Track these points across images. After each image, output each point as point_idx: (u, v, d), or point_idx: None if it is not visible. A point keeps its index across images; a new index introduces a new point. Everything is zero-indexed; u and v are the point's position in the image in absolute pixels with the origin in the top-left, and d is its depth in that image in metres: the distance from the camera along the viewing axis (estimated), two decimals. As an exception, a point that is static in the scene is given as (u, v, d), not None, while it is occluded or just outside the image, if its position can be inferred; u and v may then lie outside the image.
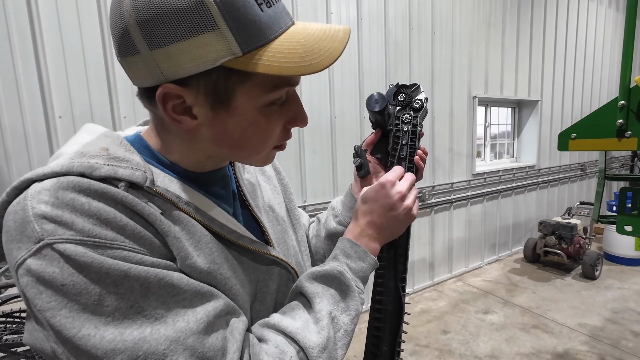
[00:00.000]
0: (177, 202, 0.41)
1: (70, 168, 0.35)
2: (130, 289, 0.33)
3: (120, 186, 0.36)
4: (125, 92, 1.78)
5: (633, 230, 1.32)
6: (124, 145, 0.41)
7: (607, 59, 5.07)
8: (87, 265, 0.31)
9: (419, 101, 0.61)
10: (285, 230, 0.59)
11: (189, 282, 0.37)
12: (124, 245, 0.34)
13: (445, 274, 3.48)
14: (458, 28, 3.18)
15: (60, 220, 0.32)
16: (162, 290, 0.35)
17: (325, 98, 2.48)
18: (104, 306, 0.32)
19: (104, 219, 0.34)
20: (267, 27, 0.36)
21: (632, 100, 1.18)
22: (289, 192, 0.66)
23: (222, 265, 0.42)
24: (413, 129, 0.61)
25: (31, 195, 0.33)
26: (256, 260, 0.49)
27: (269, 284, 0.50)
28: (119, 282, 0.32)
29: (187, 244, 0.40)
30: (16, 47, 1.51)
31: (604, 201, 4.55)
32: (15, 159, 1.55)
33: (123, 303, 0.32)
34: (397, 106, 0.62)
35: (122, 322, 0.32)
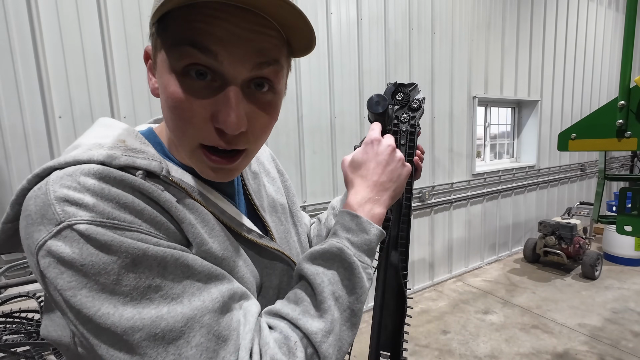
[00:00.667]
0: (190, 192, 0.43)
1: (91, 157, 0.37)
2: (149, 268, 0.33)
3: (138, 174, 0.38)
4: (125, 92, 1.78)
5: (633, 231, 1.32)
6: (139, 138, 0.43)
7: (607, 59, 5.07)
8: (107, 245, 0.32)
9: (417, 101, 0.61)
10: (288, 231, 0.59)
11: (203, 264, 0.37)
12: (142, 228, 0.35)
13: (445, 274, 3.48)
14: (458, 28, 3.18)
15: (81, 203, 0.33)
16: (178, 269, 0.35)
17: (325, 98, 2.48)
18: (123, 285, 0.32)
19: (122, 203, 0.35)
20: None
21: (632, 101, 1.18)
22: (291, 194, 0.67)
23: (233, 253, 0.44)
24: (411, 129, 0.60)
25: (53, 181, 0.34)
26: (261, 254, 0.50)
27: (272, 279, 0.51)
28: (137, 261, 0.33)
29: (202, 230, 0.41)
30: (16, 47, 1.51)
31: (604, 201, 4.55)
32: (15, 158, 1.55)
33: (141, 282, 0.33)
34: (395, 105, 0.62)
35: (140, 301, 0.33)
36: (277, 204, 0.61)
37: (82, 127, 1.68)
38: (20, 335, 1.09)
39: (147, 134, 0.47)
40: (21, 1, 1.51)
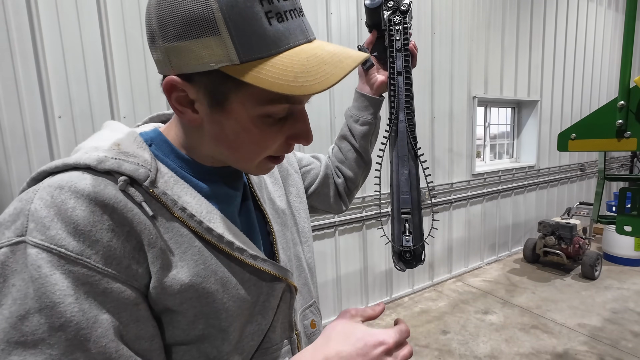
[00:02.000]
0: (172, 207, 0.41)
1: (78, 161, 0.38)
2: (52, 323, 0.33)
3: (120, 181, 0.38)
4: (125, 92, 1.78)
5: (632, 231, 1.32)
6: (137, 142, 0.43)
7: (607, 60, 5.07)
8: (34, 279, 0.32)
9: (405, 4, 0.72)
10: (285, 223, 0.59)
11: (106, 346, 0.34)
12: (88, 261, 0.35)
13: (444, 274, 3.48)
14: (458, 28, 3.18)
15: (41, 222, 0.34)
16: (76, 340, 0.33)
17: (325, 98, 2.48)
18: (24, 324, 0.32)
19: (79, 230, 0.35)
20: (272, 41, 0.36)
21: (632, 101, 1.18)
22: (289, 183, 0.66)
23: (207, 278, 0.42)
24: (404, 26, 0.71)
25: (39, 189, 0.36)
26: (259, 275, 0.48)
27: (271, 300, 0.49)
28: (47, 309, 0.32)
29: (173, 255, 0.41)
30: (16, 46, 1.51)
31: (604, 201, 4.55)
32: (14, 158, 1.55)
33: (39, 330, 0.32)
34: (388, 11, 0.74)
35: (29, 349, 0.32)
36: (274, 195, 0.61)
37: (82, 127, 1.68)
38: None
39: (153, 136, 0.47)
40: (21, 1, 1.51)
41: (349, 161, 0.80)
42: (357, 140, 0.78)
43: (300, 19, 0.39)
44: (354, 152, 0.79)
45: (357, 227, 2.79)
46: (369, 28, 0.77)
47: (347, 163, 0.80)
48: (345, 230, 2.72)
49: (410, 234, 0.68)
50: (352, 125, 0.78)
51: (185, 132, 0.46)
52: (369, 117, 0.77)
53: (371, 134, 0.79)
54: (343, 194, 0.81)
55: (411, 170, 0.70)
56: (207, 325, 0.43)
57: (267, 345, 0.50)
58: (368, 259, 2.86)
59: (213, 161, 0.47)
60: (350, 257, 2.77)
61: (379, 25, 0.75)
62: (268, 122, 0.41)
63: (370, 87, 0.77)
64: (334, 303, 2.72)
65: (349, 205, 0.85)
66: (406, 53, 0.71)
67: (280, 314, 0.52)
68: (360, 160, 0.80)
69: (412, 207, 0.70)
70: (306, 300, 0.59)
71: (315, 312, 0.61)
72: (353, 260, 2.79)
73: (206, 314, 0.43)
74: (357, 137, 0.78)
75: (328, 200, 0.79)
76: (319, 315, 0.62)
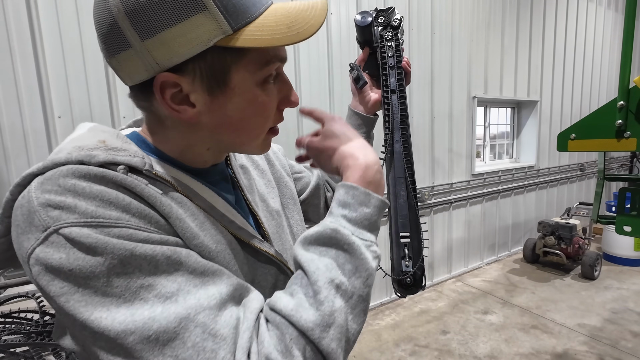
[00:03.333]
0: (176, 186, 0.42)
1: (69, 157, 0.36)
2: (139, 268, 0.33)
3: (119, 169, 0.37)
4: (124, 92, 1.77)
5: (632, 231, 1.32)
6: (120, 138, 0.42)
7: (606, 60, 5.08)
8: (93, 247, 0.31)
9: (396, 20, 0.72)
10: (280, 225, 0.59)
11: (197, 260, 0.36)
12: (130, 224, 0.34)
13: (444, 274, 3.48)
14: (457, 29, 3.18)
15: (64, 206, 0.32)
16: (171, 267, 0.34)
17: (325, 98, 2.48)
18: (114, 287, 0.32)
19: (106, 200, 0.34)
20: (252, 4, 0.38)
21: (631, 101, 1.18)
22: (282, 185, 0.66)
23: (227, 248, 0.43)
24: (396, 42, 0.71)
25: (34, 187, 0.34)
26: (254, 255, 0.49)
27: (267, 278, 0.50)
28: (126, 261, 0.32)
29: (192, 224, 0.40)
30: (15, 46, 1.51)
31: (603, 201, 4.55)
32: (14, 159, 1.55)
33: (132, 282, 0.32)
34: (379, 27, 0.73)
35: (133, 302, 0.32)
36: (268, 197, 0.60)
37: (81, 127, 1.68)
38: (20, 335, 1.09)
39: (131, 136, 0.46)
40: (21, 1, 1.51)
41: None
42: None
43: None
44: None
45: (356, 227, 2.78)
46: (360, 45, 0.77)
47: (337, 179, 0.79)
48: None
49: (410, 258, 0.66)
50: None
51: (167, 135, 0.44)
52: (362, 135, 0.75)
53: None
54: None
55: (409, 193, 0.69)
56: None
57: None
58: (368, 259, 2.85)
59: (206, 159, 0.48)
60: (350, 257, 2.77)
61: (370, 42, 0.74)
62: (268, 88, 0.42)
63: (364, 106, 0.76)
64: (334, 303, 2.72)
65: None
66: (399, 71, 0.71)
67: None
68: None
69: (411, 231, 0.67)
70: None
71: None
72: (353, 260, 2.79)
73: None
74: None
75: (318, 211, 0.77)
76: None
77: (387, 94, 0.70)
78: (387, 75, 0.71)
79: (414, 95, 2.95)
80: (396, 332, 2.59)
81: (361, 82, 0.74)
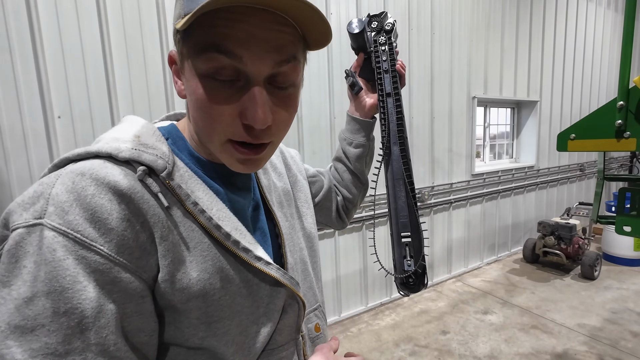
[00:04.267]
0: (185, 201, 0.42)
1: (100, 149, 0.39)
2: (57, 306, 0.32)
3: (139, 170, 0.39)
4: (124, 92, 1.78)
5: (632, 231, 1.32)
6: (155, 135, 0.44)
7: (606, 60, 5.08)
8: (47, 262, 0.33)
9: (389, 24, 0.72)
10: (293, 227, 0.60)
11: (106, 337, 0.34)
12: (101, 249, 0.35)
13: (444, 274, 3.48)
14: (457, 29, 3.19)
15: (60, 206, 0.34)
16: (78, 328, 0.33)
17: (325, 98, 2.48)
18: (29, 307, 0.32)
19: (96, 217, 0.35)
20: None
21: (631, 101, 1.18)
22: (297, 189, 0.67)
23: (214, 275, 0.42)
24: (390, 46, 0.71)
25: (62, 174, 0.37)
26: (261, 278, 0.48)
27: (276, 302, 0.49)
28: (55, 293, 0.32)
29: (184, 248, 0.41)
30: (15, 46, 1.51)
31: (603, 201, 4.55)
32: (14, 159, 1.55)
33: (42, 315, 0.32)
34: (372, 32, 0.73)
35: (26, 334, 0.31)
36: (284, 199, 0.61)
37: (81, 128, 1.68)
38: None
39: (170, 130, 0.48)
40: (20, 1, 1.51)
41: (345, 182, 0.80)
42: (352, 162, 0.78)
43: None
44: (349, 174, 0.80)
45: (356, 228, 2.79)
46: (355, 51, 0.78)
47: (344, 184, 0.81)
48: (345, 230, 2.72)
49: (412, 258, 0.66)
50: (346, 148, 0.79)
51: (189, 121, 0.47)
52: (361, 139, 0.77)
53: (365, 156, 0.79)
54: (342, 212, 0.81)
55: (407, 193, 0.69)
56: (208, 334, 0.42)
57: (273, 346, 0.50)
58: (368, 259, 2.86)
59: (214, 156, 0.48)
60: (350, 257, 2.78)
61: (364, 47, 0.75)
62: (214, 86, 0.38)
63: (361, 111, 0.78)
64: (334, 303, 2.72)
65: (348, 223, 0.85)
66: (394, 74, 0.71)
67: (288, 319, 0.52)
68: (357, 181, 0.80)
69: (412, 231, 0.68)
70: (311, 303, 0.59)
71: (320, 316, 0.61)
72: (352, 260, 2.79)
73: (209, 317, 0.42)
74: (352, 159, 0.78)
75: (330, 214, 0.79)
76: (323, 319, 0.63)
77: (382, 97, 0.71)
78: (381, 79, 0.72)
79: (413, 95, 2.95)
80: (396, 332, 2.59)
81: (356, 87, 0.75)
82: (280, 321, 0.51)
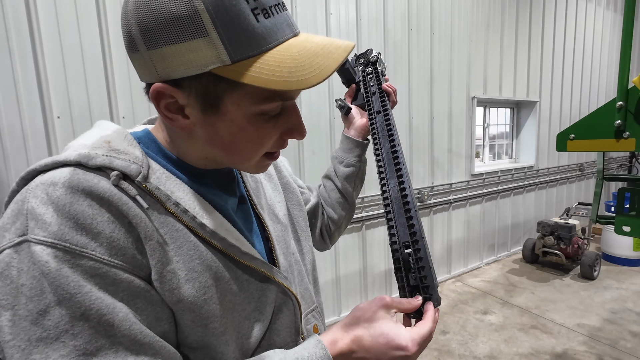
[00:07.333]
0: (165, 202, 0.41)
1: (67, 157, 0.38)
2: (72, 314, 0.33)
3: (113, 175, 0.37)
4: (124, 92, 1.78)
5: (631, 231, 1.32)
6: (127, 140, 0.42)
7: (605, 60, 5.08)
8: (45, 274, 0.32)
9: (374, 57, 0.79)
10: (286, 228, 0.59)
11: (131, 328, 0.35)
12: (93, 254, 0.34)
13: (444, 275, 3.48)
14: (457, 29, 3.19)
15: (41, 219, 0.33)
16: (101, 326, 0.33)
17: (325, 98, 2.48)
18: (46, 319, 0.32)
19: (81, 223, 0.34)
20: (261, 38, 0.36)
21: (630, 101, 1.18)
22: (289, 191, 0.66)
23: (202, 273, 0.42)
24: (376, 73, 0.78)
25: (31, 189, 0.35)
26: (250, 273, 0.48)
27: (268, 295, 0.50)
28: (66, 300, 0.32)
29: (170, 248, 0.40)
30: (14, 46, 1.51)
31: (602, 202, 4.56)
32: (13, 159, 1.55)
33: (62, 322, 0.32)
34: (360, 67, 0.81)
35: (53, 342, 0.32)
36: (274, 201, 0.60)
37: (81, 128, 1.68)
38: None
39: (142, 135, 0.46)
40: (20, 1, 1.51)
41: (332, 201, 0.79)
42: (340, 182, 0.78)
43: (284, 13, 0.39)
44: (337, 193, 0.79)
45: (356, 228, 2.79)
46: (345, 84, 0.83)
47: (330, 202, 0.79)
48: (345, 230, 2.72)
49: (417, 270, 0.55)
50: (337, 167, 0.79)
51: (174, 137, 0.45)
52: (353, 159, 0.78)
53: (355, 176, 0.79)
54: (324, 233, 0.81)
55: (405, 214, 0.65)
56: (206, 333, 0.42)
57: (271, 348, 0.50)
58: (367, 259, 2.86)
59: (207, 163, 0.47)
60: (350, 257, 2.77)
61: (352, 79, 0.81)
62: (263, 119, 0.41)
63: (354, 131, 0.79)
64: (334, 304, 2.72)
65: (330, 247, 0.84)
66: (381, 93, 0.75)
67: (285, 318, 0.52)
68: (344, 202, 0.79)
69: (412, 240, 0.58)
70: (308, 305, 0.59)
71: (317, 317, 0.61)
72: (352, 260, 2.79)
73: (203, 318, 0.42)
74: (341, 178, 0.78)
75: (314, 231, 0.77)
76: (321, 320, 0.63)
77: (372, 116, 0.73)
78: (369, 100, 0.76)
79: (413, 96, 2.95)
80: (396, 333, 2.59)
81: (345, 108, 0.80)
82: (277, 321, 0.51)
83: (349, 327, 0.45)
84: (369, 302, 0.47)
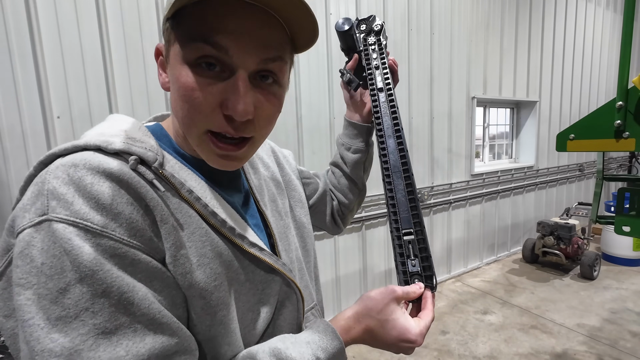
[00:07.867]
0: (180, 189, 0.42)
1: (88, 142, 0.39)
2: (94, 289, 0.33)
3: (131, 159, 0.38)
4: (123, 92, 1.78)
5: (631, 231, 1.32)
6: (142, 130, 0.44)
7: (605, 60, 5.09)
8: (67, 251, 0.32)
9: (378, 25, 0.73)
10: (288, 225, 0.59)
11: (150, 307, 0.35)
12: (113, 234, 0.35)
13: (444, 275, 3.48)
14: (457, 29, 3.19)
15: (63, 198, 0.34)
16: (120, 304, 0.34)
17: (325, 98, 2.48)
18: (67, 297, 0.32)
19: (100, 204, 0.35)
20: None
21: (630, 101, 1.18)
22: (291, 188, 0.66)
23: (214, 260, 0.43)
24: (379, 45, 0.72)
25: (52, 170, 0.36)
26: (257, 264, 0.48)
27: (272, 286, 0.50)
28: (87, 277, 0.32)
29: (183, 233, 0.41)
30: (14, 46, 1.51)
31: (602, 202, 4.56)
32: (13, 159, 1.54)
33: (83, 300, 0.32)
34: (362, 34, 0.74)
35: (73, 321, 0.32)
36: (277, 197, 0.61)
37: (80, 127, 1.68)
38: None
39: (154, 129, 0.48)
40: (19, 1, 1.51)
41: (342, 187, 0.78)
42: (349, 168, 0.77)
43: None
44: (346, 179, 0.78)
45: (356, 228, 2.79)
46: (345, 52, 0.77)
47: (340, 188, 0.79)
48: (345, 230, 2.72)
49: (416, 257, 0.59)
50: (344, 153, 0.77)
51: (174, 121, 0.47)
52: (360, 144, 0.75)
53: (364, 161, 0.77)
54: (336, 217, 0.80)
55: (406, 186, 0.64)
56: (214, 322, 0.43)
57: None
58: (367, 259, 2.86)
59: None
60: (350, 257, 2.77)
61: (353, 47, 0.74)
62: (197, 73, 0.38)
63: (360, 115, 0.76)
64: (333, 304, 2.72)
65: (343, 229, 0.83)
66: (385, 69, 0.70)
67: (288, 313, 0.52)
68: (353, 187, 0.78)
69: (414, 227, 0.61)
70: (307, 302, 0.59)
71: (317, 315, 0.62)
72: (352, 260, 2.79)
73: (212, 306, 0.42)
74: (349, 164, 0.76)
75: (324, 218, 0.77)
76: (320, 318, 0.63)
77: (374, 94, 0.69)
78: (372, 75, 0.70)
79: (413, 96, 2.95)
80: (396, 333, 2.59)
81: (354, 84, 0.73)
82: (280, 316, 0.51)
83: (361, 317, 0.48)
84: (380, 292, 0.50)
